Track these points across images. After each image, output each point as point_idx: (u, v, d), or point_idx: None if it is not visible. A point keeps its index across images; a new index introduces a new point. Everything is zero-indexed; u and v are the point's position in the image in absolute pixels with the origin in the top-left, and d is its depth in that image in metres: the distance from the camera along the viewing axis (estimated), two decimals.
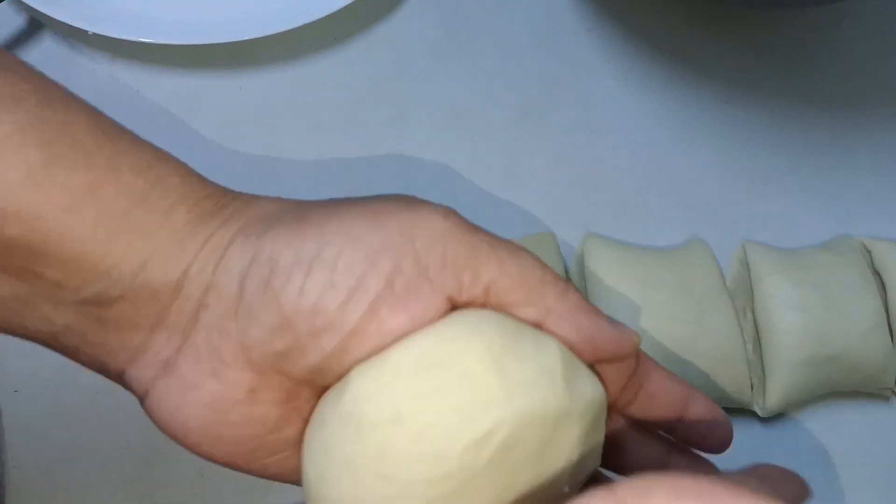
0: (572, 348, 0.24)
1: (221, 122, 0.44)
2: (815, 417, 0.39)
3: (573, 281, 0.39)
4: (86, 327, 0.24)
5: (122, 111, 0.43)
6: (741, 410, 0.38)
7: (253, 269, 0.23)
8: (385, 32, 0.47)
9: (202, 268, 0.24)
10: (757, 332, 0.38)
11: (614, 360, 0.25)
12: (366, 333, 0.23)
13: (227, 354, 0.23)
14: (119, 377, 0.26)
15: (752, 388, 0.37)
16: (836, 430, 0.39)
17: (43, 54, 0.45)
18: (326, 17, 0.44)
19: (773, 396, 0.37)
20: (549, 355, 0.23)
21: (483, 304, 0.24)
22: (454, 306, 0.24)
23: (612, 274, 0.37)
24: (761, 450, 0.38)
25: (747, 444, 0.38)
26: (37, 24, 0.46)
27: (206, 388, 0.24)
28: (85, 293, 0.23)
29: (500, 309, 0.24)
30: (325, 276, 0.23)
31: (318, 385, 0.24)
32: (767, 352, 0.37)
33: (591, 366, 0.25)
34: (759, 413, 0.38)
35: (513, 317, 0.24)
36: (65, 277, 0.23)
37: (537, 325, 0.24)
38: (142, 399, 0.25)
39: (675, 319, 0.36)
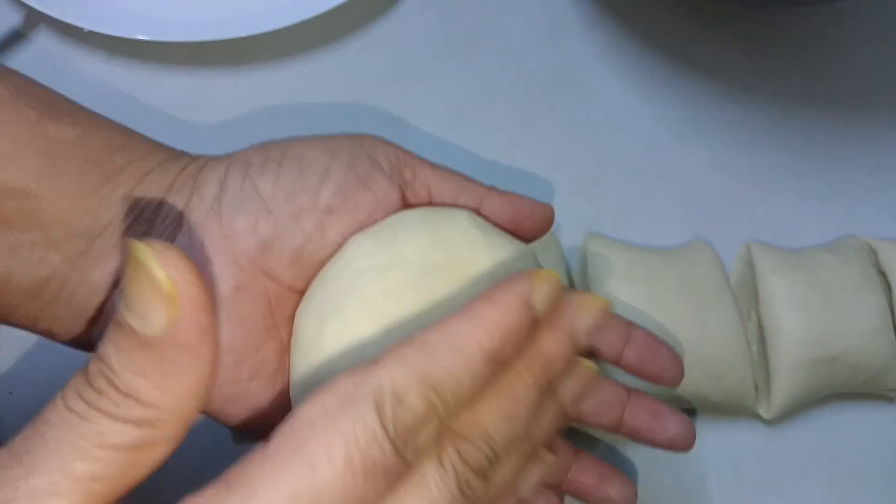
0: (510, 221, 0.28)
1: (218, 120, 0.44)
2: (820, 420, 0.39)
3: (576, 280, 0.39)
4: (71, 266, 0.25)
5: (118, 109, 0.43)
6: (745, 412, 0.38)
7: (230, 171, 0.26)
8: (384, 31, 0.47)
9: (183, 183, 0.26)
10: (761, 334, 0.38)
11: (542, 226, 0.29)
12: (340, 212, 0.25)
13: (211, 249, 0.25)
14: (94, 322, 0.26)
15: (756, 390, 0.37)
16: (841, 433, 0.38)
17: (38, 52, 0.45)
18: (324, 14, 0.44)
19: (777, 398, 0.36)
20: (523, 245, 0.28)
21: (429, 204, 0.27)
22: (408, 205, 0.27)
23: (614, 274, 0.37)
24: (765, 452, 0.38)
25: (752, 447, 0.38)
26: (32, 22, 0.45)
27: None
28: (79, 226, 0.25)
29: (443, 205, 0.27)
30: (296, 166, 0.25)
31: (299, 283, 0.25)
32: (771, 353, 0.37)
33: None
34: (764, 415, 0.37)
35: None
36: (64, 213, 0.24)
37: (476, 209, 0.28)
38: None
39: (679, 320, 0.36)
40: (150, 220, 0.26)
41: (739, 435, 0.38)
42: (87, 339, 0.26)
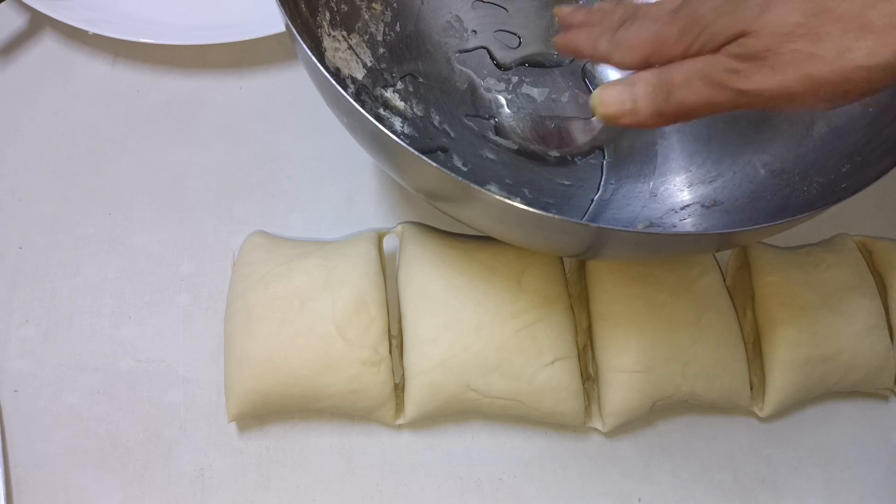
0: None
1: (222, 121, 0.44)
2: (815, 417, 0.39)
3: (573, 279, 0.39)
4: None
5: (123, 111, 0.44)
6: (741, 410, 0.38)
7: None
8: None
9: None
10: (757, 333, 0.38)
11: None
12: None
13: None
14: None
15: (751, 388, 0.37)
16: (835, 430, 0.39)
17: (43, 55, 0.45)
18: None
19: (772, 396, 0.37)
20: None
21: None
22: None
23: (612, 273, 0.37)
24: (761, 450, 0.38)
25: (747, 444, 0.38)
26: (37, 25, 0.46)
27: None
28: None
29: None
30: None
31: None
32: (766, 352, 0.37)
33: None
34: (759, 413, 0.38)
35: None
36: None
37: None
38: None
39: (675, 319, 0.36)
40: None
41: (735, 432, 0.38)
42: None
